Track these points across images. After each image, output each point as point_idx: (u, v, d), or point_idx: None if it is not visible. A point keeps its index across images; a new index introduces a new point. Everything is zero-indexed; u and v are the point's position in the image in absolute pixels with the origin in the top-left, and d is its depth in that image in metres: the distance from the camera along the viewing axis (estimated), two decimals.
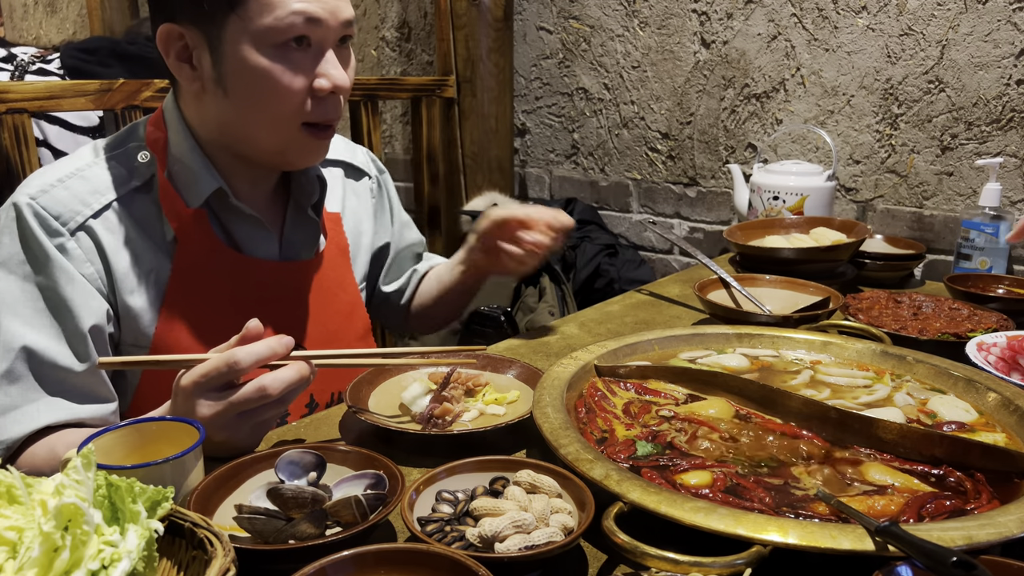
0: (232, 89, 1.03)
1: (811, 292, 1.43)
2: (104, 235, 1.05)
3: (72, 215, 1.03)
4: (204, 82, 1.05)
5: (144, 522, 0.59)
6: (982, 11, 2.07)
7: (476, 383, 1.06)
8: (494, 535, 0.68)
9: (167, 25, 1.02)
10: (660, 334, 1.16)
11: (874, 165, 2.33)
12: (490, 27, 2.86)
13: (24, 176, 1.46)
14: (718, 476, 0.79)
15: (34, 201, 1.02)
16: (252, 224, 1.14)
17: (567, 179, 3.07)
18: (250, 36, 1.00)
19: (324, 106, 1.06)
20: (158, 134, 1.11)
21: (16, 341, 0.98)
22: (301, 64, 1.03)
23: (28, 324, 1.00)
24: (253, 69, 1.01)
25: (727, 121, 2.60)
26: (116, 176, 1.08)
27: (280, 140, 1.08)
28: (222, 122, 1.07)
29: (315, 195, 1.21)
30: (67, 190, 1.04)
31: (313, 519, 0.71)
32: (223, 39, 1.00)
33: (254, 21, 0.99)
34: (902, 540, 0.62)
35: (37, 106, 1.57)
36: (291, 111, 1.04)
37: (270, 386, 0.84)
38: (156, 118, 1.13)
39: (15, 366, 0.98)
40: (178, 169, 1.09)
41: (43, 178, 1.06)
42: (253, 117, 1.05)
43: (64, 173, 1.06)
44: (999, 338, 1.16)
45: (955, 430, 0.90)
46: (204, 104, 1.07)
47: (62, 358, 1.00)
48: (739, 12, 2.49)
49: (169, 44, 1.03)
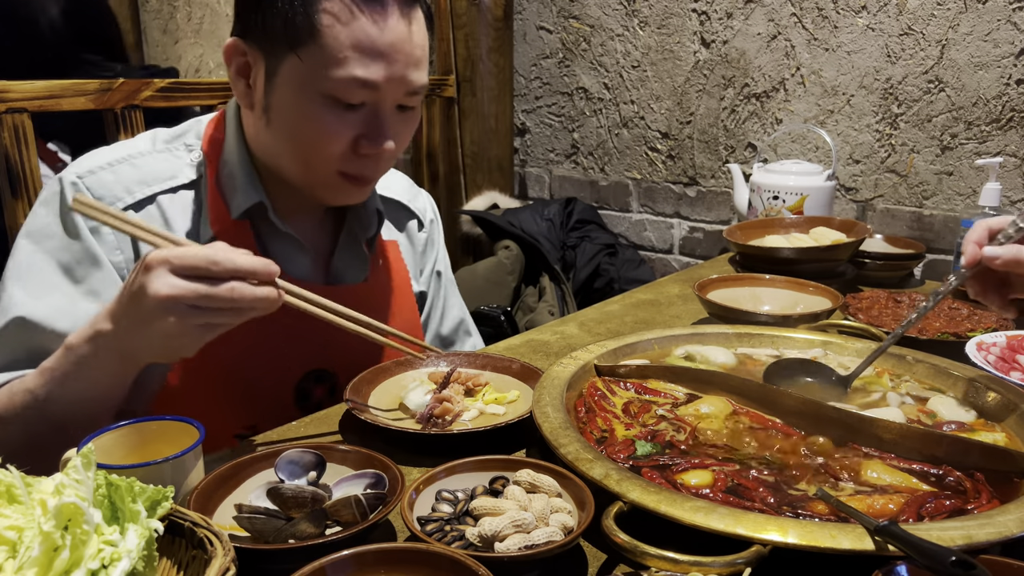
0: (275, 121, 1.03)
1: (811, 292, 1.43)
2: None
3: (113, 200, 1.02)
4: (254, 102, 1.04)
5: (144, 522, 0.59)
6: (982, 11, 2.07)
7: (476, 383, 1.06)
8: (494, 534, 0.68)
9: (236, 39, 1.02)
10: (660, 334, 1.15)
11: (874, 165, 2.33)
12: (490, 27, 2.86)
13: (25, 175, 1.46)
14: (719, 476, 0.79)
15: (80, 180, 1.02)
16: (289, 243, 1.12)
17: (567, 179, 3.07)
18: (304, 80, 0.98)
19: (364, 163, 1.04)
20: (217, 135, 1.11)
21: (14, 309, 0.97)
22: (350, 121, 1.00)
23: (32, 295, 0.98)
24: (298, 112, 1.00)
25: (727, 121, 2.60)
26: (166, 169, 1.07)
27: (312, 181, 1.07)
28: (262, 143, 1.07)
29: (372, 229, 1.19)
30: (114, 174, 1.04)
31: (313, 519, 0.71)
32: (278, 71, 0.99)
33: (312, 68, 0.97)
34: (901, 540, 0.62)
35: (37, 106, 1.57)
36: (327, 161, 1.03)
37: (239, 290, 0.81)
38: (218, 119, 1.13)
39: (6, 333, 0.97)
40: (227, 174, 1.09)
41: (95, 159, 1.05)
42: (289, 154, 1.04)
43: (116, 157, 1.06)
44: (999, 338, 1.16)
45: (955, 430, 0.90)
46: (251, 120, 1.07)
47: (58, 325, 0.97)
48: (739, 12, 2.49)
49: (232, 56, 1.03)
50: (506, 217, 2.76)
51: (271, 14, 0.97)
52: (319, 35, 0.96)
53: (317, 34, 0.96)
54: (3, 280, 1.01)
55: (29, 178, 1.49)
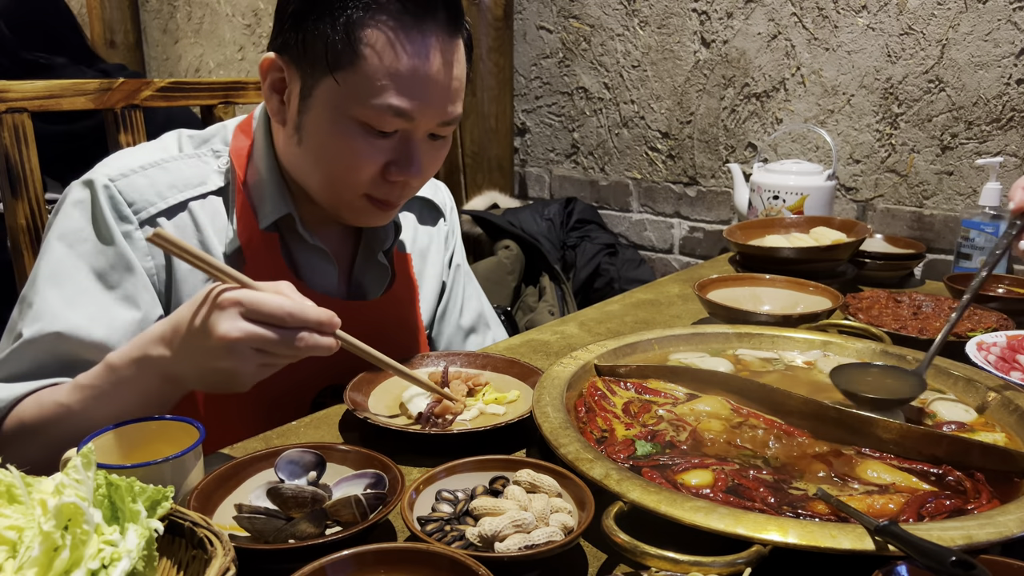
0: (306, 141, 1.02)
1: (811, 292, 1.43)
2: (171, 232, 1.01)
3: (146, 204, 1.02)
4: (286, 119, 1.03)
5: (144, 521, 0.59)
6: (982, 10, 2.07)
7: (476, 383, 1.06)
8: (494, 534, 0.68)
9: (272, 55, 1.01)
10: (660, 334, 1.15)
11: (874, 164, 2.33)
12: (490, 26, 2.86)
13: (25, 175, 1.46)
14: (719, 476, 0.79)
15: (112, 183, 1.01)
16: (317, 255, 1.13)
17: (567, 178, 3.07)
18: (339, 104, 0.97)
19: (391, 189, 1.04)
20: (244, 141, 1.10)
21: (46, 317, 0.96)
22: (381, 148, 1.00)
23: (67, 300, 0.97)
24: (331, 135, 0.99)
25: (727, 120, 2.60)
26: (196, 175, 1.07)
27: (338, 202, 1.06)
28: (291, 160, 1.07)
29: (388, 241, 1.19)
30: (147, 178, 1.03)
31: (313, 518, 0.71)
32: (314, 92, 0.98)
33: (348, 93, 0.96)
34: (902, 539, 0.62)
35: (37, 105, 1.57)
36: (355, 185, 1.03)
37: (307, 340, 0.83)
38: (246, 124, 1.12)
39: (35, 343, 0.96)
40: (256, 183, 1.08)
41: (125, 161, 1.04)
42: (318, 174, 1.04)
43: (148, 161, 1.05)
44: (999, 337, 1.16)
45: (955, 430, 0.90)
46: (282, 136, 1.07)
47: (93, 334, 0.97)
48: (739, 11, 2.49)
49: (269, 71, 1.02)
50: (506, 217, 2.76)
51: (312, 35, 0.96)
52: (359, 61, 0.95)
53: (357, 60, 0.95)
54: (36, 281, 1.00)
55: (29, 178, 1.49)
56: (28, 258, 1.44)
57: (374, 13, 0.94)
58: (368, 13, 0.94)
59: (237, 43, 4.14)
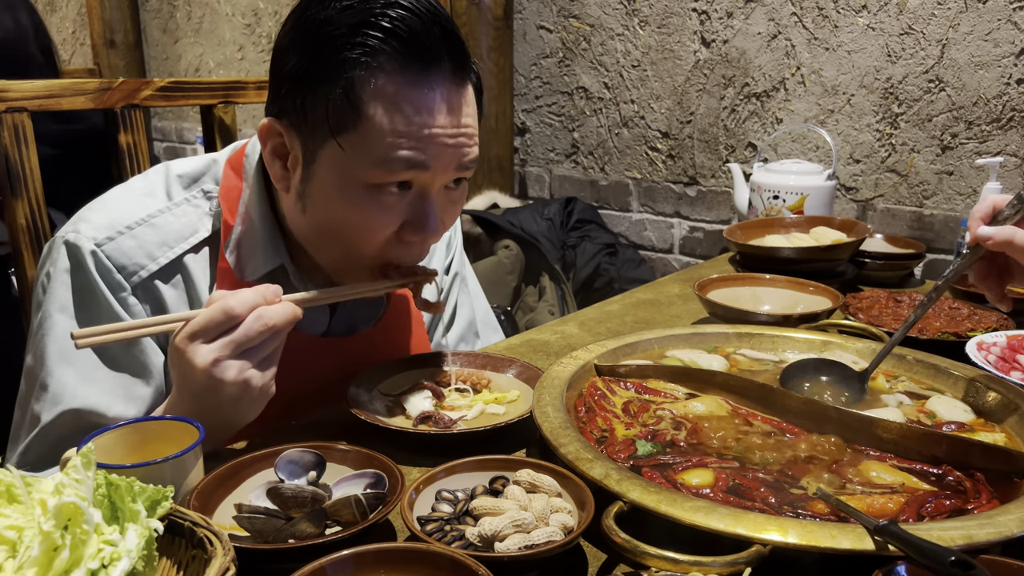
0: (311, 210, 0.96)
1: (811, 291, 1.43)
2: (167, 291, 0.99)
3: (137, 268, 0.97)
4: (290, 186, 0.97)
5: (144, 521, 0.59)
6: (982, 10, 2.07)
7: (476, 383, 1.06)
8: (494, 534, 0.68)
9: (272, 119, 0.94)
10: (660, 334, 1.15)
11: (874, 164, 2.33)
12: (490, 26, 2.86)
13: (25, 175, 1.46)
14: (720, 475, 0.79)
15: (99, 249, 0.96)
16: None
17: (567, 178, 3.07)
18: (345, 169, 0.91)
19: (407, 250, 0.98)
20: (234, 182, 1.03)
21: (65, 398, 0.94)
22: (394, 208, 0.93)
23: (84, 378, 0.95)
24: (339, 202, 0.93)
25: (727, 120, 2.60)
26: (188, 225, 1.01)
27: (347, 269, 1.02)
28: (297, 229, 1.01)
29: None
30: (135, 239, 0.98)
31: (313, 518, 0.71)
32: (317, 159, 0.92)
33: (354, 156, 0.90)
34: (901, 539, 0.62)
35: (37, 105, 1.57)
36: (366, 253, 0.97)
37: (267, 314, 0.83)
38: (236, 161, 1.05)
39: (56, 424, 0.94)
40: (247, 232, 1.02)
41: (110, 217, 0.99)
42: (327, 244, 0.99)
43: (134, 219, 0.99)
44: (999, 337, 1.16)
45: (955, 430, 0.90)
46: (287, 202, 1.00)
47: (113, 411, 0.95)
48: (739, 11, 2.49)
49: (268, 137, 0.95)
50: (506, 217, 2.76)
51: (312, 98, 0.90)
52: (363, 123, 0.88)
53: (361, 122, 0.88)
54: (45, 360, 0.96)
55: (29, 178, 1.49)
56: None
57: (375, 71, 0.87)
58: (369, 71, 0.87)
59: (237, 43, 4.14)
